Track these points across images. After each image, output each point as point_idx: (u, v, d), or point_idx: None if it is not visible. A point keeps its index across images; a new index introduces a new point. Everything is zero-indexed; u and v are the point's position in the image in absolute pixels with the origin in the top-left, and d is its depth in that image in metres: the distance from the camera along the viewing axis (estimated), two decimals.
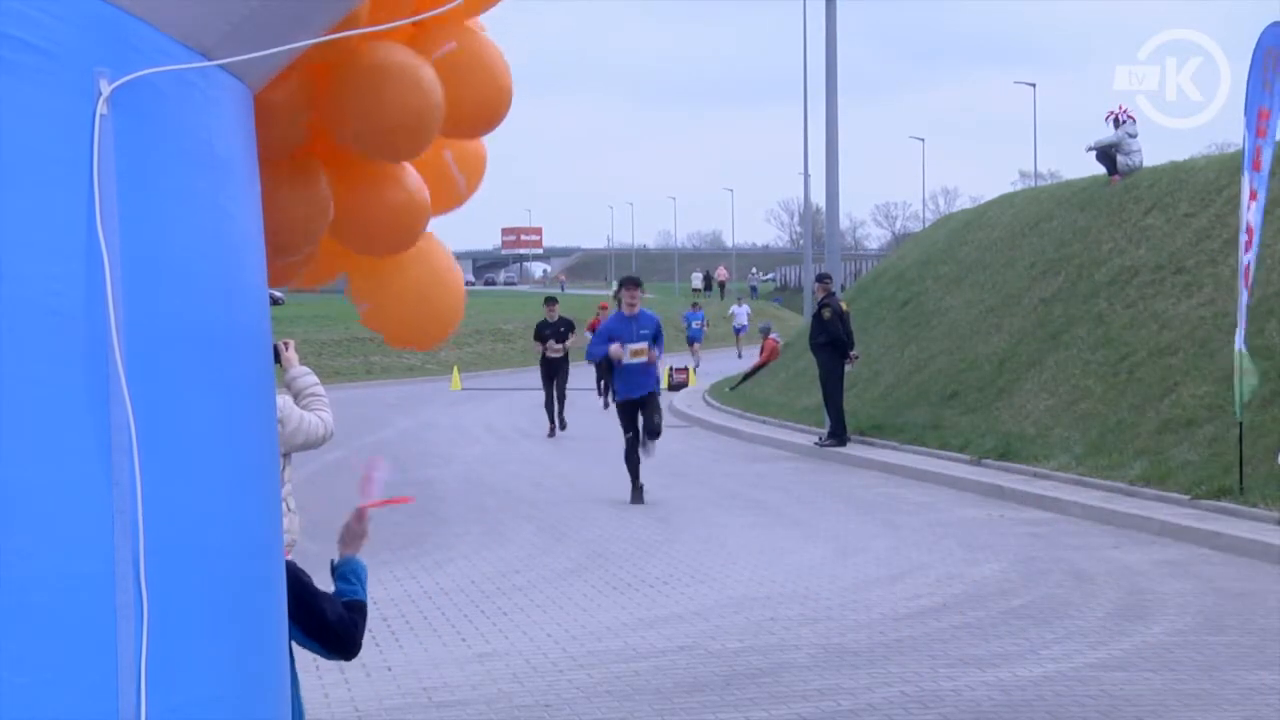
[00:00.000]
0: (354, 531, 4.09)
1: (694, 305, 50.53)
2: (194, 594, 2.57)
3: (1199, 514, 12.93)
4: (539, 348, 24.82)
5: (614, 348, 14.91)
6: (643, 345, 14.97)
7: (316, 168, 3.93)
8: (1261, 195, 13.32)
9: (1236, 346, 13.25)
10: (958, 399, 20.34)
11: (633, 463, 15.35)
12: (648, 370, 15.10)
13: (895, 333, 25.26)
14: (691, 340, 45.53)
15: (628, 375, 15.07)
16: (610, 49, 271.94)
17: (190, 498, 2.58)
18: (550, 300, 25.95)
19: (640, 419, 15.19)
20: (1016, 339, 20.75)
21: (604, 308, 31.29)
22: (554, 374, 24.15)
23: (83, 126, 2.44)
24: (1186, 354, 16.64)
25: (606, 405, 29.74)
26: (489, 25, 4.25)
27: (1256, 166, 13.22)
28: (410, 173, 4.15)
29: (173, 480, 2.53)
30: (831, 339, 20.13)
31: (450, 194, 4.44)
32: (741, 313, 55.85)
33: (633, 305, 15.25)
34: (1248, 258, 13.31)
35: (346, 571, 4.00)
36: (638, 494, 15.31)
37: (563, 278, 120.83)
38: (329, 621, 3.78)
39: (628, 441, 15.36)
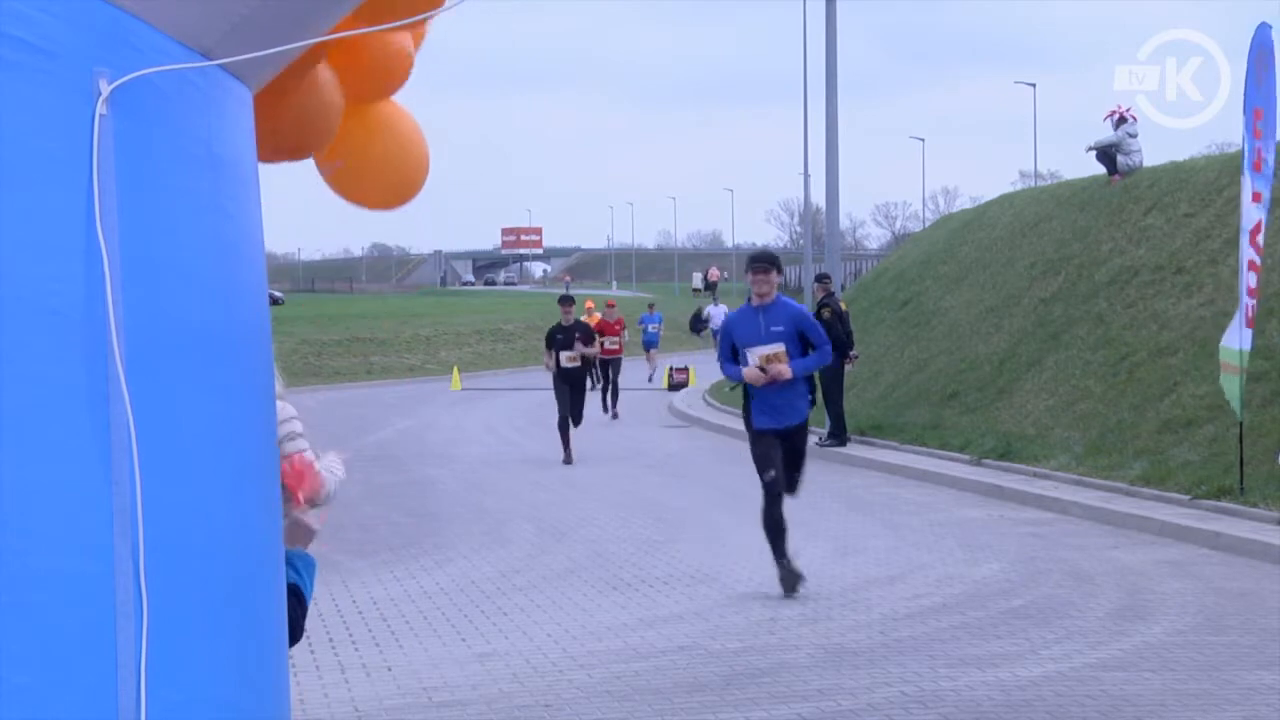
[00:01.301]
0: (298, 525, 4.10)
1: (650, 306, 42.96)
2: (193, 593, 2.57)
3: (1199, 514, 12.93)
4: (550, 357, 20.46)
5: (750, 371, 10.35)
6: (777, 348, 10.39)
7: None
8: (1265, 195, 13.32)
9: (1238, 346, 13.25)
10: (958, 399, 20.35)
11: (775, 526, 10.40)
12: (796, 385, 10.58)
13: (895, 333, 25.27)
14: (647, 346, 39.60)
15: (766, 392, 10.49)
16: (610, 49, 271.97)
17: (189, 497, 2.58)
18: (565, 300, 21.48)
19: (779, 457, 10.49)
20: (1016, 339, 20.76)
21: (606, 305, 29.54)
22: (571, 389, 20.24)
23: (82, 126, 2.44)
24: (1186, 354, 16.64)
25: (613, 415, 27.18)
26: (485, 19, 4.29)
27: (1257, 167, 13.22)
28: None
29: (172, 480, 2.53)
30: (832, 339, 20.13)
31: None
32: (718, 313, 48.07)
33: (764, 294, 10.48)
34: (1248, 259, 13.32)
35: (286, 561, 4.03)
36: (790, 579, 10.40)
37: (568, 278, 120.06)
38: None
39: (766, 489, 10.44)
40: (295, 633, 3.89)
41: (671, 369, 36.02)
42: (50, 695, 2.34)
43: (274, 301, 64.97)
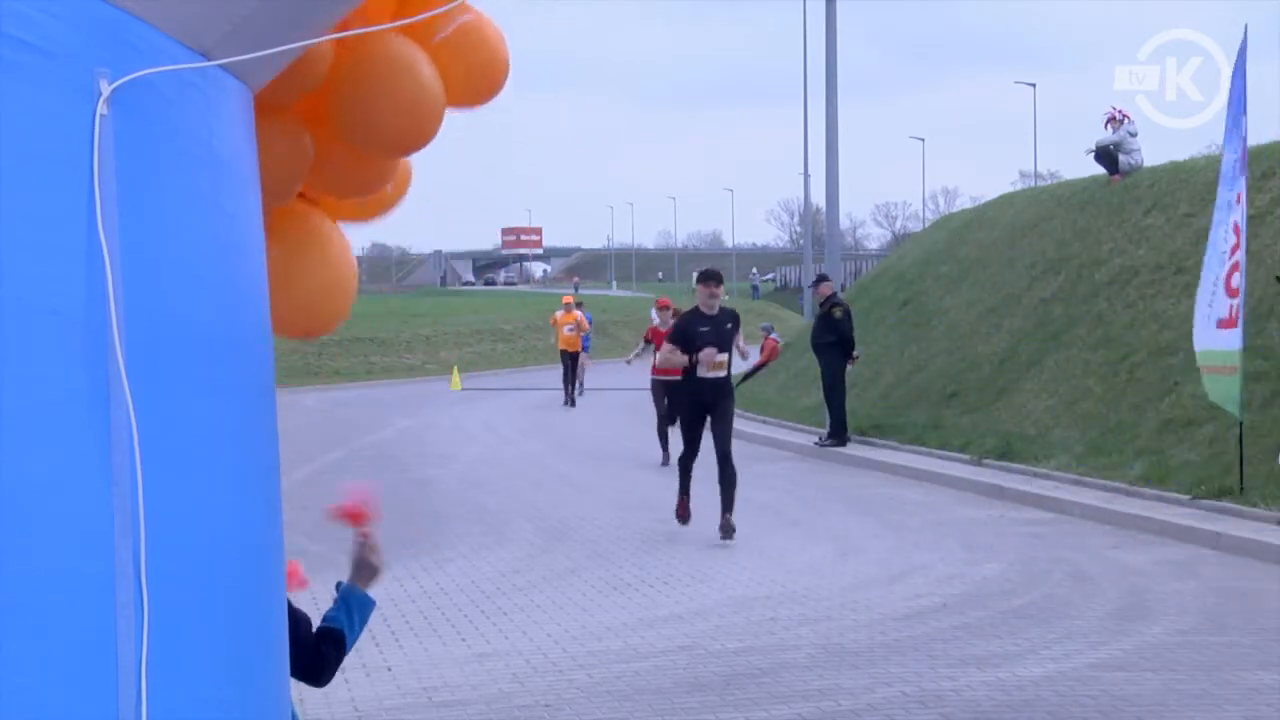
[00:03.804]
0: (364, 563, 3.79)
1: (579, 306, 35.59)
2: (194, 594, 2.57)
3: (1199, 514, 12.93)
4: (679, 358, 12.81)
5: None
6: None
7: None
8: (1241, 195, 13.38)
9: (1226, 347, 13.26)
10: (958, 399, 20.34)
11: None
12: None
13: (895, 333, 25.26)
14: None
15: None
16: (610, 49, 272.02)
17: (191, 497, 2.58)
18: (710, 278, 13.25)
19: None
20: (1016, 339, 20.75)
21: (663, 305, 21.55)
22: (705, 412, 13.01)
23: (83, 126, 2.44)
24: (1186, 354, 16.62)
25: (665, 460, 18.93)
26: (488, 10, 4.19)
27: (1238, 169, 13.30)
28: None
29: (173, 480, 2.53)
30: (840, 338, 20.12)
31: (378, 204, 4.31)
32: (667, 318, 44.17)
33: None
34: (1235, 258, 13.35)
35: (341, 598, 3.73)
36: None
37: (576, 278, 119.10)
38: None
39: None
40: (323, 673, 3.61)
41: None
42: (50, 695, 2.34)
43: None
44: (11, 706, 2.30)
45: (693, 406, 12.89)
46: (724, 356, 12.77)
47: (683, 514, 13.44)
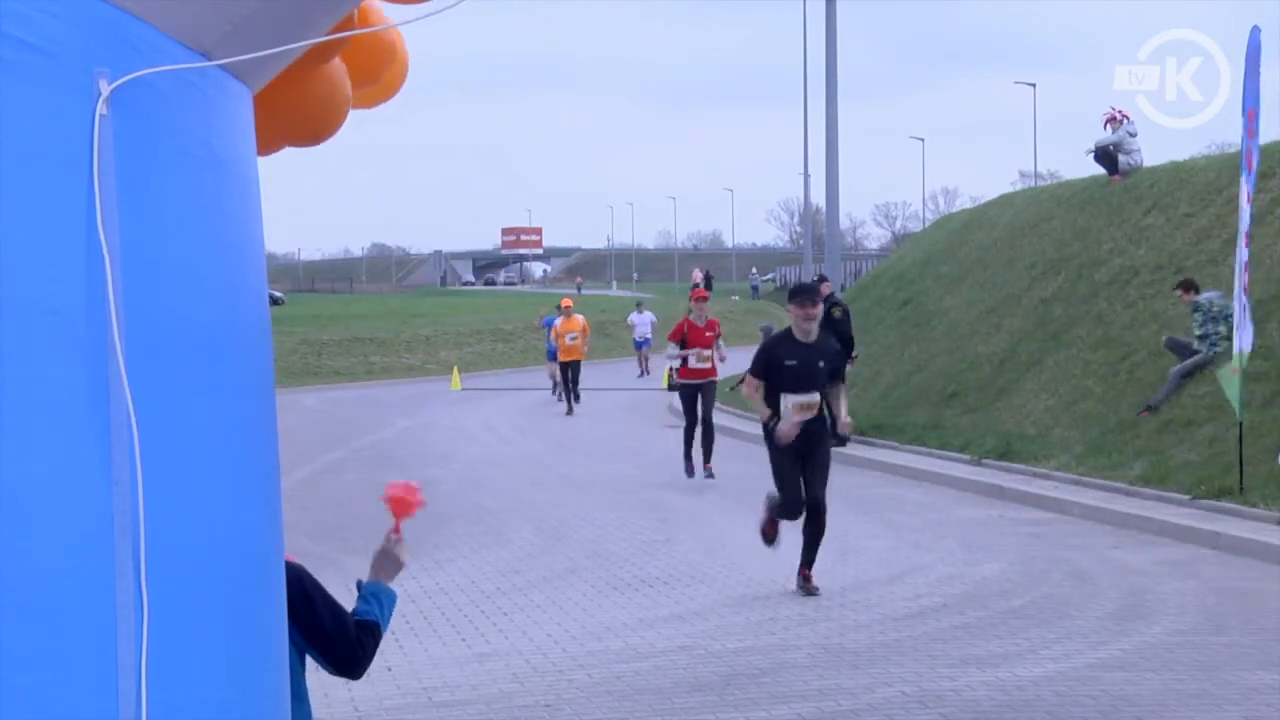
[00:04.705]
0: (388, 557, 3.90)
1: (556, 308, 32.36)
2: (194, 594, 2.57)
3: (1199, 514, 12.93)
4: (758, 399, 10.54)
5: None
6: None
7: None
8: (1251, 195, 13.36)
9: (1236, 348, 13.25)
10: (958, 399, 20.34)
11: None
12: None
13: (895, 333, 25.26)
14: (551, 357, 31.63)
15: None
16: (610, 49, 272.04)
17: (190, 497, 2.58)
18: (804, 296, 10.59)
19: None
20: (1016, 339, 20.75)
21: (699, 298, 18.28)
22: (805, 452, 10.46)
23: (83, 126, 2.45)
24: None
25: (709, 472, 17.39)
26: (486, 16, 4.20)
27: (1249, 167, 13.27)
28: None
29: (173, 480, 2.53)
30: (841, 339, 20.11)
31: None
32: (643, 321, 40.31)
33: None
34: (1244, 258, 13.35)
35: (368, 593, 3.83)
36: None
37: (580, 279, 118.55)
38: (325, 629, 3.59)
39: None
40: (363, 664, 3.74)
41: (671, 369, 35.89)
42: (50, 695, 2.35)
43: (274, 301, 64.91)
44: (12, 706, 2.30)
45: (785, 451, 10.39)
46: (813, 398, 10.27)
47: (770, 534, 10.84)
